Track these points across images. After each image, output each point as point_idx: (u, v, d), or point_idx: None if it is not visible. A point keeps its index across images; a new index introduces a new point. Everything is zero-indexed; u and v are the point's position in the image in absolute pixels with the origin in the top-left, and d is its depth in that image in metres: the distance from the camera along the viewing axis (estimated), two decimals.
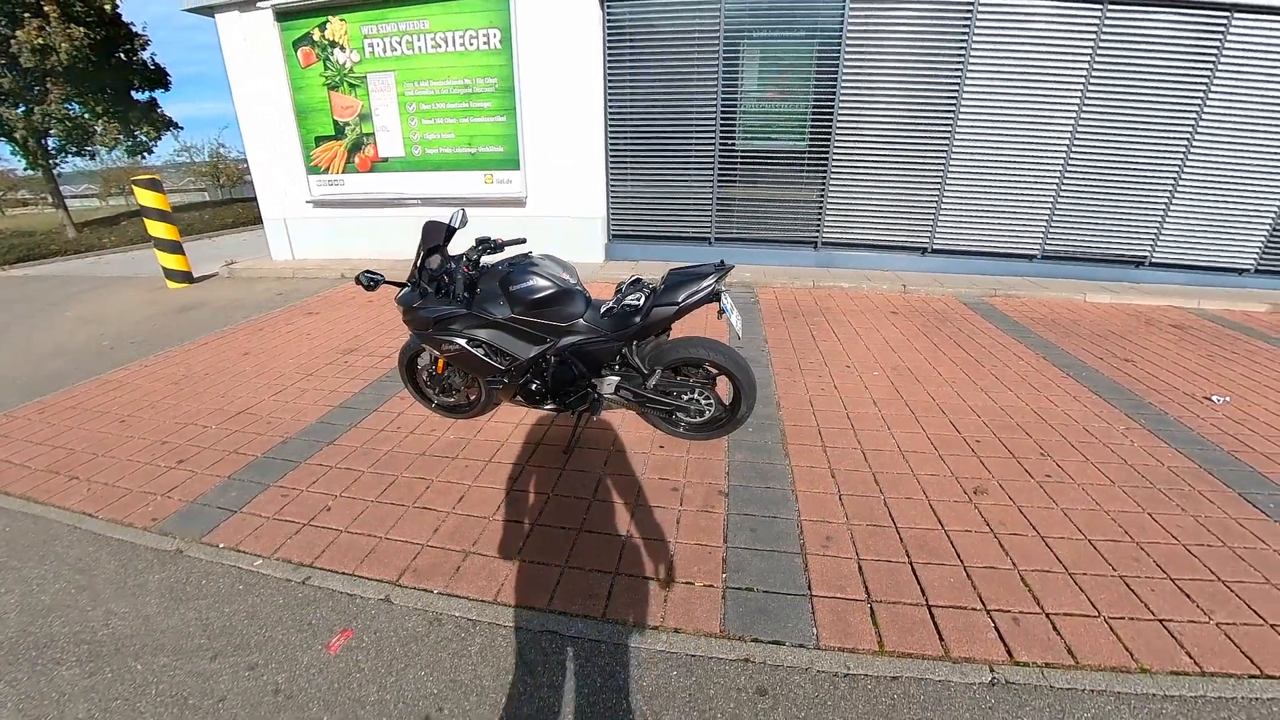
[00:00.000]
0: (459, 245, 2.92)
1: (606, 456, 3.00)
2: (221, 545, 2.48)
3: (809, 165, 6.42)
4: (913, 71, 5.96)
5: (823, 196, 6.48)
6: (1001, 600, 2.07)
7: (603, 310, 2.74)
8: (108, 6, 11.11)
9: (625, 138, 6.71)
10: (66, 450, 3.37)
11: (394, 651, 1.95)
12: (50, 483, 3.04)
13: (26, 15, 10.01)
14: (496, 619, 2.05)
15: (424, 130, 7.12)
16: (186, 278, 7.55)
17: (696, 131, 6.48)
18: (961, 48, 5.79)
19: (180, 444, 3.35)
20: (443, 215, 2.81)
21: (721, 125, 6.40)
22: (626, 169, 6.83)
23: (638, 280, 2.78)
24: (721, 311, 2.65)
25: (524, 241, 3.02)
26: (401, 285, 2.90)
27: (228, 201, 19.78)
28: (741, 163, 6.53)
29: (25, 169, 12.93)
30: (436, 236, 2.78)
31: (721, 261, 2.70)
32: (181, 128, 14.07)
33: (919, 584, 2.16)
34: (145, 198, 7.11)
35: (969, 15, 5.67)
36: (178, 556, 2.44)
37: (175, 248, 7.40)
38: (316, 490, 2.82)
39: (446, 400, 3.36)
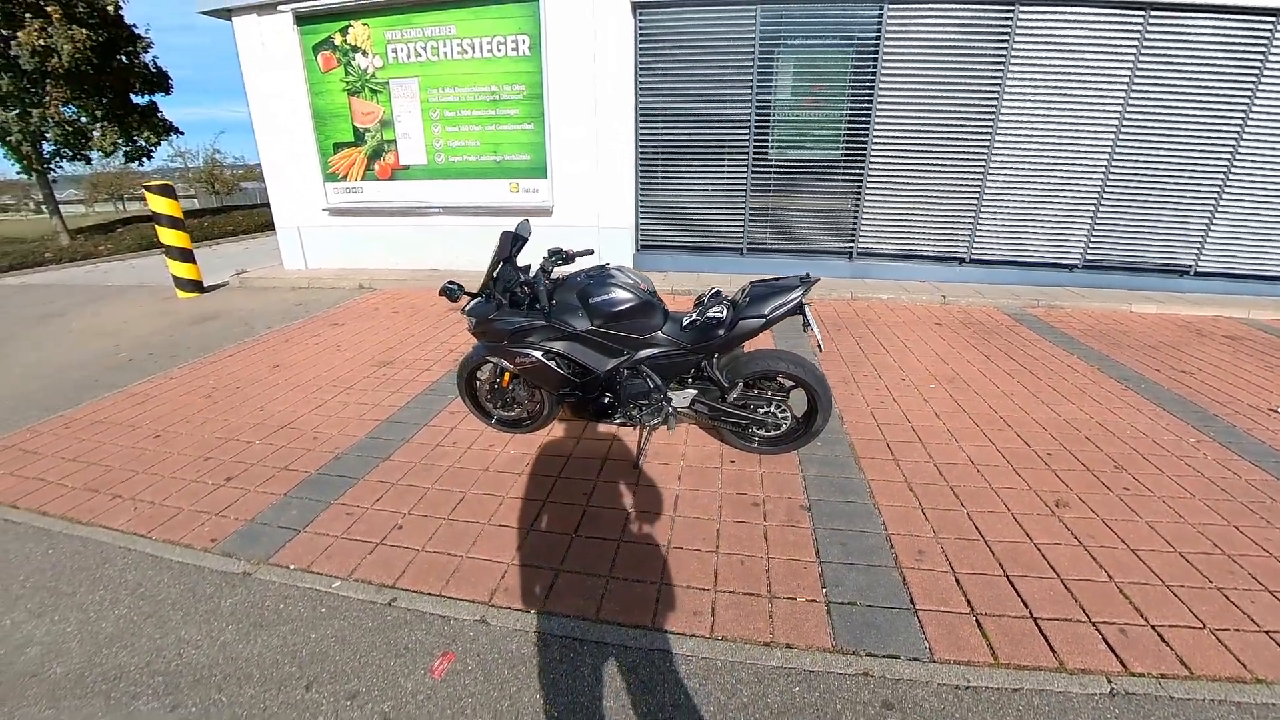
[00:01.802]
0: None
1: (678, 471, 2.93)
2: (292, 566, 2.36)
3: (844, 174, 6.40)
4: (951, 79, 5.97)
5: (858, 206, 6.45)
6: (1104, 612, 2.07)
7: (684, 323, 2.68)
8: (110, 7, 10.92)
9: (656, 146, 6.66)
10: (103, 467, 3.23)
11: (502, 675, 1.85)
12: (91, 502, 2.90)
13: (28, 16, 9.80)
14: (604, 638, 1.97)
15: (448, 137, 7.03)
16: (197, 287, 7.38)
17: (729, 140, 6.45)
18: (1001, 55, 5.80)
19: (225, 460, 3.22)
20: (509, 224, 2.75)
21: (755, 134, 6.37)
22: (656, 178, 6.78)
23: (718, 292, 2.72)
24: (806, 325, 2.60)
25: (592, 253, 2.96)
26: (475, 296, 2.81)
27: (226, 209, 19.49)
28: (775, 172, 6.50)
29: (18, 173, 12.57)
30: (506, 247, 2.70)
31: (807, 274, 2.65)
32: (182, 133, 13.86)
33: (1020, 596, 2.15)
34: (158, 204, 6.95)
35: (1009, 22, 5.70)
36: (247, 579, 2.32)
37: (187, 256, 7.23)
38: (383, 508, 2.71)
39: (507, 415, 3.26)
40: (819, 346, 2.72)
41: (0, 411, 4.07)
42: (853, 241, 6.63)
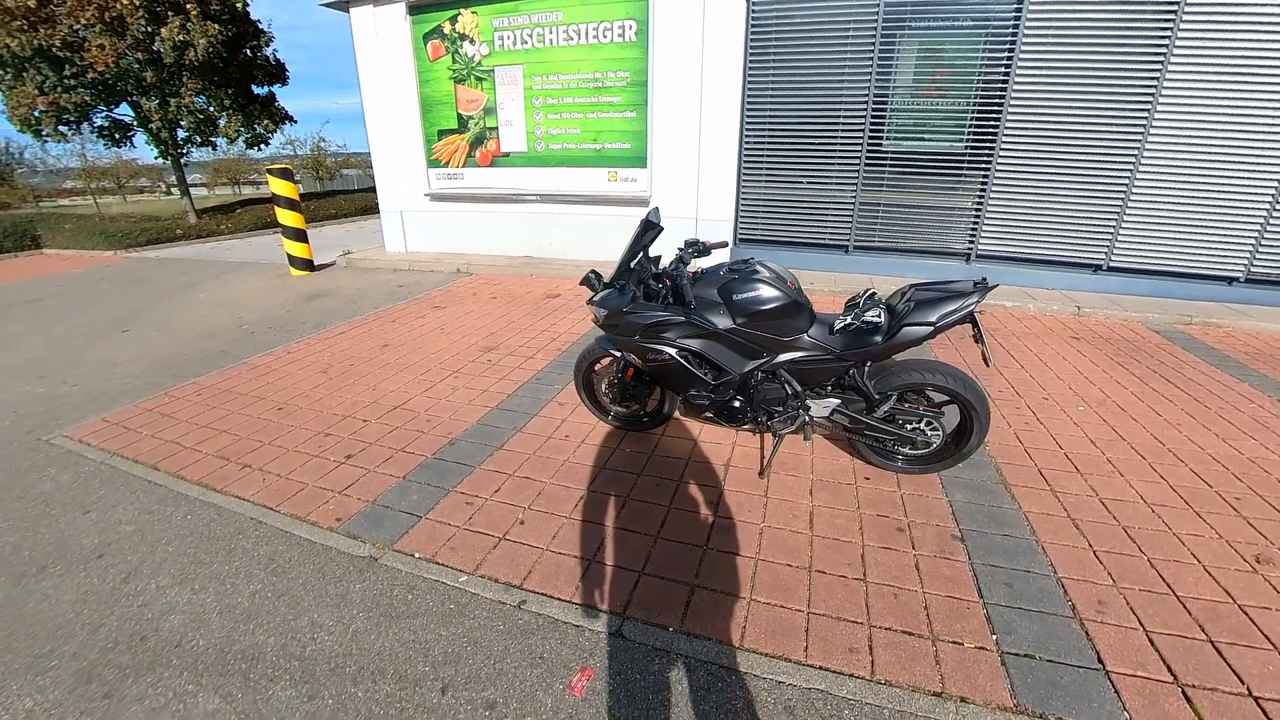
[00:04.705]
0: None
1: (808, 485, 2.71)
2: (418, 555, 2.32)
3: (967, 169, 5.88)
4: (1102, 65, 5.33)
5: (981, 204, 5.92)
6: None
7: (835, 327, 2.45)
8: (239, 4, 11.68)
9: (762, 136, 6.36)
10: (231, 435, 3.35)
11: (648, 700, 1.70)
12: (223, 470, 3.00)
13: (169, 13, 10.63)
14: (754, 669, 1.79)
15: (549, 125, 7.03)
16: (308, 265, 7.76)
17: (842, 130, 6.07)
18: (1165, 38, 5.13)
19: (343, 437, 3.28)
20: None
21: (870, 124, 5.97)
22: (761, 169, 6.49)
23: (873, 294, 2.47)
24: (979, 337, 2.31)
25: (726, 245, 2.77)
26: (609, 286, 2.69)
27: (329, 193, 20.67)
28: (889, 165, 6.07)
29: (156, 158, 13.71)
30: (642, 236, 2.56)
31: (984, 279, 2.35)
32: (295, 121, 14.70)
33: (1231, 668, 1.80)
34: (278, 186, 7.33)
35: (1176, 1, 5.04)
36: (374, 565, 2.30)
37: (301, 236, 7.61)
38: (502, 500, 2.64)
39: (624, 411, 3.14)
40: (985, 359, 2.42)
41: (145, 374, 4.37)
42: (972, 242, 6.08)
